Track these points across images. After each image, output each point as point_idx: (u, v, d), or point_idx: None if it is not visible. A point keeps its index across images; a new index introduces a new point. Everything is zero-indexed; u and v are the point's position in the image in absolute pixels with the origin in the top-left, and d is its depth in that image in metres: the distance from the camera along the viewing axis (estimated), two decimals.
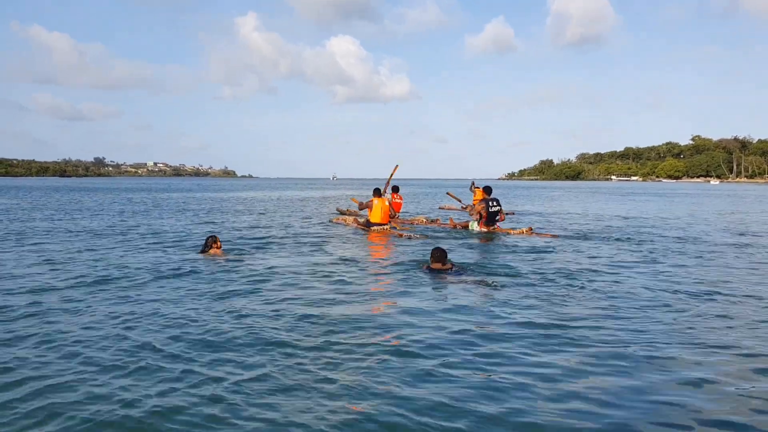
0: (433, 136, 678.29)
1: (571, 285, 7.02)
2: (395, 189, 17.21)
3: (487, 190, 13.79)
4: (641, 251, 10.32)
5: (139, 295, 6.49)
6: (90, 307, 5.88)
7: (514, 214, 19.20)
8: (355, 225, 14.85)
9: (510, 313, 5.60)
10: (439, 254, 7.68)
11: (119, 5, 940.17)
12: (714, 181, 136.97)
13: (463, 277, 7.38)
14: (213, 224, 16.26)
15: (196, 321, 5.32)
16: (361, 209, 14.61)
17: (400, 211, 17.23)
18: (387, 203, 13.85)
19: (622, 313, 5.67)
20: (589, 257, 9.48)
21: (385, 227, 13.32)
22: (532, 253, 9.87)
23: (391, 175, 16.45)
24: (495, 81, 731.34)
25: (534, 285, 7.02)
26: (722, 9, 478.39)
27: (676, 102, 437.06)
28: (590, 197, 39.79)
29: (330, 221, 17.33)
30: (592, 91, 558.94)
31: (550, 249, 10.36)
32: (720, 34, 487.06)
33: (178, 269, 8.09)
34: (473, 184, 19.93)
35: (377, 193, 13.65)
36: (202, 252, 9.46)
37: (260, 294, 6.56)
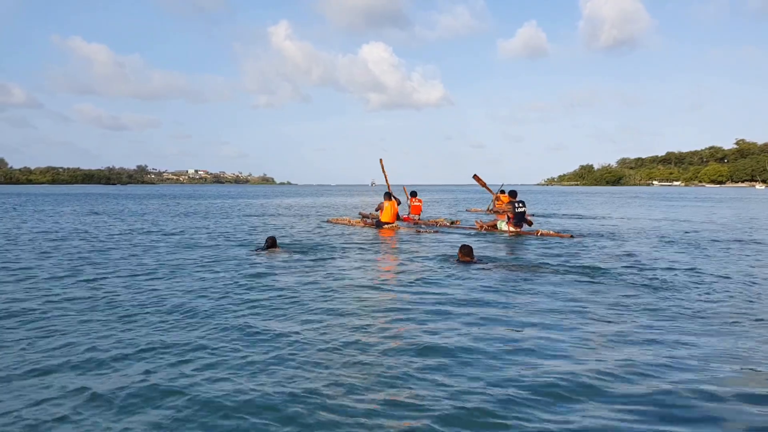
0: (469, 141, 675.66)
1: (600, 277, 7.69)
2: (413, 194, 18.60)
3: (512, 194, 14.53)
4: (675, 249, 10.88)
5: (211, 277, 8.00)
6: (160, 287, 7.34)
7: (533, 216, 19.36)
8: (363, 224, 16.75)
9: (530, 298, 6.38)
10: (467, 249, 9.14)
11: (155, 17, 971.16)
12: (759, 186, 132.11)
13: (489, 268, 8.46)
14: (272, 226, 17.82)
15: (254, 304, 6.27)
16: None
17: (420, 213, 18.37)
18: (397, 205, 15.66)
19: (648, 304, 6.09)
20: (627, 255, 10.08)
21: (393, 225, 15.49)
22: (560, 251, 10.53)
23: (383, 169, 17.89)
24: (529, 85, 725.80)
25: (560, 274, 7.84)
26: (759, 8, 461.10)
27: (717, 104, 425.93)
28: (645, 203, 37.87)
29: (327, 221, 18.96)
30: (630, 94, 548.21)
31: (578, 247, 10.99)
32: (758, 34, 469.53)
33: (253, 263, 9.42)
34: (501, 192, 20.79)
35: (388, 197, 15.45)
36: (264, 249, 10.84)
37: (316, 283, 7.55)
